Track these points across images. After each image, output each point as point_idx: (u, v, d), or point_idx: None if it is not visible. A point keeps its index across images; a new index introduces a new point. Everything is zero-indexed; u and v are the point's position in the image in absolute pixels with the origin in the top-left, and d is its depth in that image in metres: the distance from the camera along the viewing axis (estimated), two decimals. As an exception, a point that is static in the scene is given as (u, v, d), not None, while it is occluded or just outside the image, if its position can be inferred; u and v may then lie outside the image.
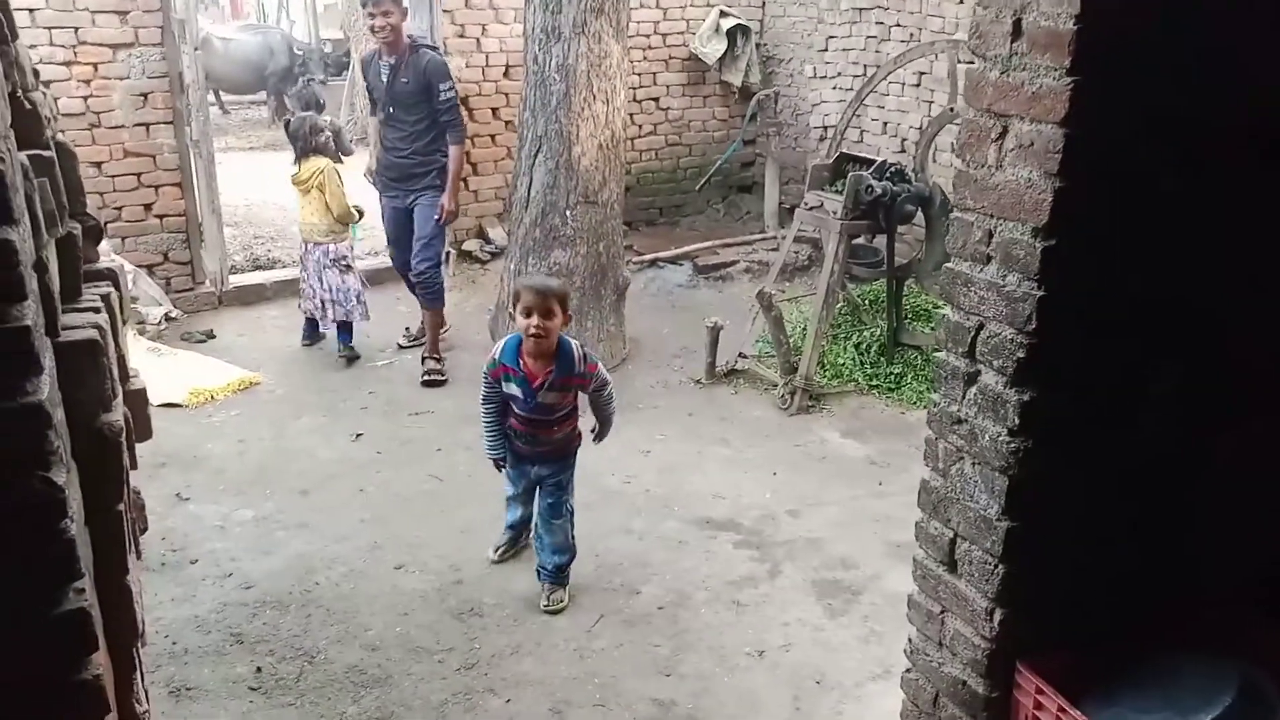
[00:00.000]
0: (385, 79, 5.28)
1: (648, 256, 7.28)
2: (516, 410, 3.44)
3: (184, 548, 3.88)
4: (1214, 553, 2.34)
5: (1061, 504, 2.16)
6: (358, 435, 4.87)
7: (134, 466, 2.21)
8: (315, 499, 4.25)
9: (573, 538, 3.58)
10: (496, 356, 3.42)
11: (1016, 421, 2.07)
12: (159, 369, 5.43)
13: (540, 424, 3.44)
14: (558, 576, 3.54)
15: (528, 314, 3.27)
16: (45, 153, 1.71)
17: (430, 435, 4.85)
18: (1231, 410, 2.27)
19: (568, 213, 5.34)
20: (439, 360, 5.57)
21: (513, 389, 3.39)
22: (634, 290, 6.18)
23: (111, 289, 2.04)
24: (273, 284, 6.99)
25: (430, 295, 5.49)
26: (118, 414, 1.72)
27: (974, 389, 2.18)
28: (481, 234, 7.49)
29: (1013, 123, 1.99)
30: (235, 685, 3.08)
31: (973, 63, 2.10)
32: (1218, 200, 2.08)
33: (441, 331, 5.71)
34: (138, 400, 2.28)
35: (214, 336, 6.12)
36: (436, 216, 5.41)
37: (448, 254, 7.25)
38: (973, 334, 2.17)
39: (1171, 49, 1.92)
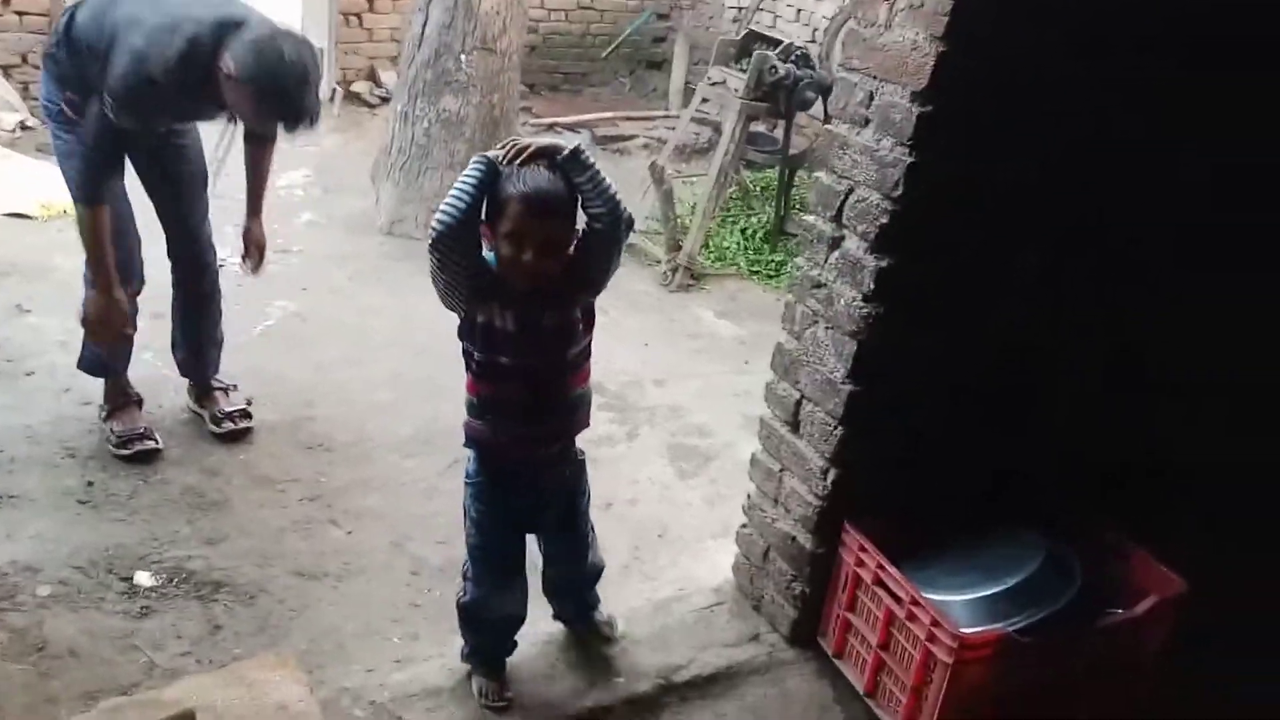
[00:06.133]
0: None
1: (545, 120, 7.08)
2: (504, 365, 2.03)
3: (20, 359, 3.68)
4: (1046, 437, 2.45)
5: (905, 374, 2.21)
6: (221, 263, 4.66)
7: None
8: (165, 323, 4.05)
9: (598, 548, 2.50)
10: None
11: (871, 287, 2.10)
12: (9, 177, 5.07)
13: (550, 379, 2.12)
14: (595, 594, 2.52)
15: (517, 243, 1.88)
16: None
17: (294, 273, 4.67)
18: (1093, 307, 2.35)
19: (463, 57, 5.11)
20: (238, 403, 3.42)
21: (501, 317, 1.98)
22: (527, 152, 6.01)
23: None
24: (142, 101, 6.56)
25: (218, 299, 3.53)
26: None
27: (836, 254, 2.19)
28: (372, 76, 7.15)
29: (906, -20, 1.95)
30: (63, 497, 2.97)
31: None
32: (1114, 99, 2.09)
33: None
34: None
35: (72, 149, 5.72)
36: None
37: (333, 92, 6.90)
38: (842, 198, 2.16)
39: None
